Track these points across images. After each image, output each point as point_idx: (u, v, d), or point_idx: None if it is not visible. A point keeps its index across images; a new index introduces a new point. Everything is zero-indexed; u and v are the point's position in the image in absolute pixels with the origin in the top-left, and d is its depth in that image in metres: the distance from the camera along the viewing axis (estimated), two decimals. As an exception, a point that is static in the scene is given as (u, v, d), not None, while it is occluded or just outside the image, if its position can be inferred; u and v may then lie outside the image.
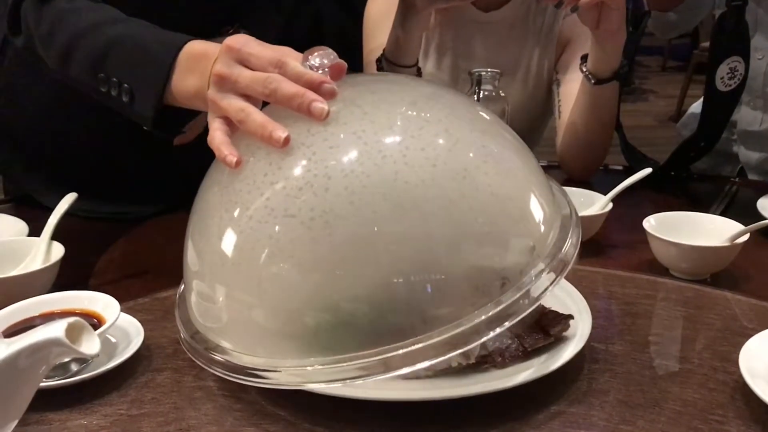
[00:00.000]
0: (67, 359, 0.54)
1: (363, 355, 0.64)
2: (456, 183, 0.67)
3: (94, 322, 0.81)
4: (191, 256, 0.75)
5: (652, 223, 1.07)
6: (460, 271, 0.66)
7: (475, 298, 0.66)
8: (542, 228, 0.72)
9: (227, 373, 0.69)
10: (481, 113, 0.79)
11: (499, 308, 0.66)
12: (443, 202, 0.66)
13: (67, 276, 0.98)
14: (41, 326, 0.48)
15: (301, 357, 0.67)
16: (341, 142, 0.68)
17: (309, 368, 0.66)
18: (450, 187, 0.67)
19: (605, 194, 1.15)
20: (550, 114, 1.56)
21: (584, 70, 1.32)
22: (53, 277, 0.95)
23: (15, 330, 0.79)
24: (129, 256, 1.12)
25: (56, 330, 0.46)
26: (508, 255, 0.69)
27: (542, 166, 1.53)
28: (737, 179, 1.52)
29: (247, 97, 0.75)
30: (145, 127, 0.93)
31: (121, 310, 0.82)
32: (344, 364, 0.65)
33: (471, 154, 0.70)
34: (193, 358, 0.73)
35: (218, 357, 0.71)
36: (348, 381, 0.64)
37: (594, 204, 1.16)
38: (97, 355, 0.76)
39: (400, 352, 0.64)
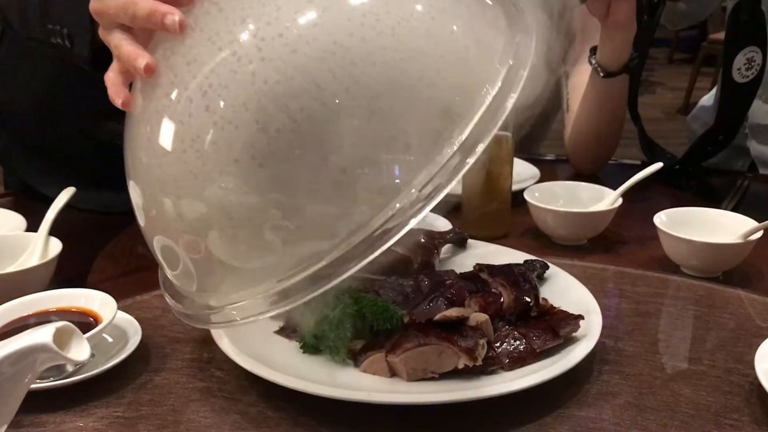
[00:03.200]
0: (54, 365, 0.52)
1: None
2: (324, 65, 0.58)
3: (91, 320, 0.79)
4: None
5: (662, 219, 1.04)
6: (350, 171, 0.59)
7: (377, 196, 0.59)
8: (464, 85, 0.61)
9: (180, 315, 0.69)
10: None
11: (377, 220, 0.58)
12: (312, 93, 0.57)
13: (65, 271, 0.97)
14: (28, 331, 0.45)
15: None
16: (197, 54, 0.61)
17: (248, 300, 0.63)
18: (317, 71, 0.57)
19: (615, 189, 1.13)
20: (558, 107, 1.53)
21: (593, 62, 1.30)
22: (50, 274, 0.93)
23: (9, 329, 0.77)
24: (128, 251, 1.10)
25: (43, 335, 0.44)
26: (408, 139, 0.59)
27: (550, 160, 1.53)
28: (749, 174, 1.49)
29: (129, 28, 0.70)
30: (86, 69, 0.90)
31: (119, 308, 0.80)
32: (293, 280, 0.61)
33: (344, 21, 0.59)
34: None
35: (169, 298, 0.71)
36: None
37: (603, 199, 1.14)
38: (93, 356, 0.75)
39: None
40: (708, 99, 1.72)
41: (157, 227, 0.67)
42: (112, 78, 0.70)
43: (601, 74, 1.29)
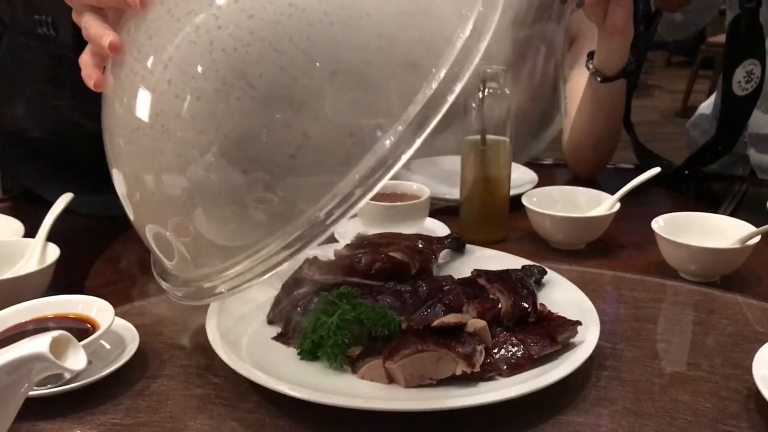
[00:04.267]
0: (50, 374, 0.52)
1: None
2: (281, 28, 0.57)
3: (88, 327, 0.79)
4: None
5: (660, 223, 1.04)
6: (314, 136, 0.58)
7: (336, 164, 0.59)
8: (429, 38, 0.60)
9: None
10: None
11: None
12: (270, 58, 0.57)
13: (64, 277, 0.96)
14: (24, 341, 0.45)
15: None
16: (158, 28, 0.62)
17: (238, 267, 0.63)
18: (274, 35, 0.57)
19: (613, 194, 1.13)
20: (557, 111, 1.54)
21: (591, 67, 1.30)
22: (48, 280, 0.93)
23: (7, 336, 0.77)
24: (127, 257, 1.10)
25: (40, 345, 0.44)
26: (372, 98, 0.59)
27: (548, 165, 1.53)
28: (747, 178, 1.49)
29: (101, 9, 0.70)
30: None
31: (117, 314, 0.80)
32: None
33: None
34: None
35: (164, 283, 0.71)
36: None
37: (601, 204, 1.14)
38: (90, 363, 0.75)
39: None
40: (707, 106, 1.72)
41: (141, 212, 0.67)
42: (85, 60, 0.70)
43: (599, 79, 1.28)
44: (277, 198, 0.60)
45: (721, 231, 1.04)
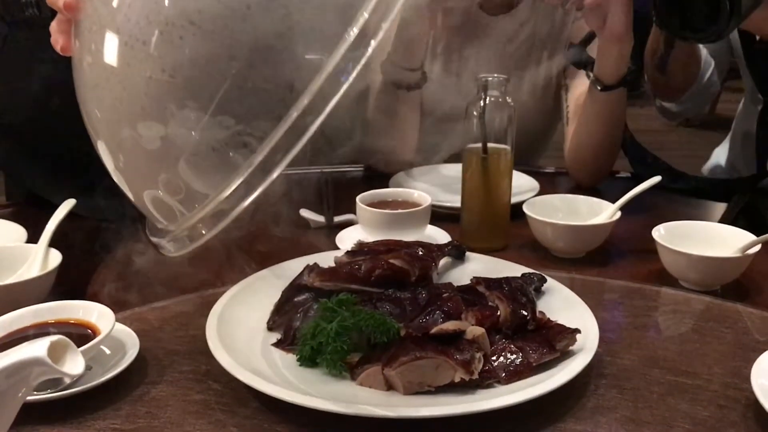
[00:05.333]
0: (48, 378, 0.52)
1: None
2: None
3: (89, 332, 0.79)
4: None
5: (661, 232, 1.04)
6: (258, 66, 0.60)
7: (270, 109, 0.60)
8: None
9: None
10: None
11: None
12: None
13: (66, 282, 0.97)
14: (22, 345, 0.46)
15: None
16: None
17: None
18: None
19: (614, 202, 1.13)
20: (558, 120, 1.54)
21: (591, 75, 1.30)
22: (50, 285, 0.94)
23: (8, 340, 0.78)
24: (128, 263, 1.10)
25: (38, 349, 0.44)
26: (314, 21, 0.60)
27: (550, 173, 1.53)
28: (748, 187, 1.49)
29: None
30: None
31: (117, 320, 0.80)
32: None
33: None
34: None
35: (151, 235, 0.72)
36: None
37: (602, 212, 1.14)
38: (90, 368, 0.75)
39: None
40: (722, 159, 1.71)
41: (124, 175, 0.68)
42: (53, 26, 0.72)
43: (599, 87, 1.29)
44: (231, 131, 0.60)
45: (721, 240, 1.04)
